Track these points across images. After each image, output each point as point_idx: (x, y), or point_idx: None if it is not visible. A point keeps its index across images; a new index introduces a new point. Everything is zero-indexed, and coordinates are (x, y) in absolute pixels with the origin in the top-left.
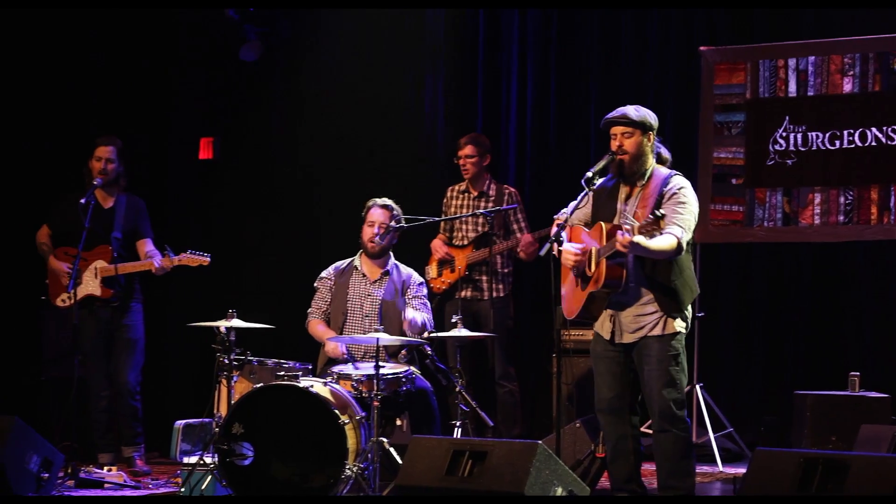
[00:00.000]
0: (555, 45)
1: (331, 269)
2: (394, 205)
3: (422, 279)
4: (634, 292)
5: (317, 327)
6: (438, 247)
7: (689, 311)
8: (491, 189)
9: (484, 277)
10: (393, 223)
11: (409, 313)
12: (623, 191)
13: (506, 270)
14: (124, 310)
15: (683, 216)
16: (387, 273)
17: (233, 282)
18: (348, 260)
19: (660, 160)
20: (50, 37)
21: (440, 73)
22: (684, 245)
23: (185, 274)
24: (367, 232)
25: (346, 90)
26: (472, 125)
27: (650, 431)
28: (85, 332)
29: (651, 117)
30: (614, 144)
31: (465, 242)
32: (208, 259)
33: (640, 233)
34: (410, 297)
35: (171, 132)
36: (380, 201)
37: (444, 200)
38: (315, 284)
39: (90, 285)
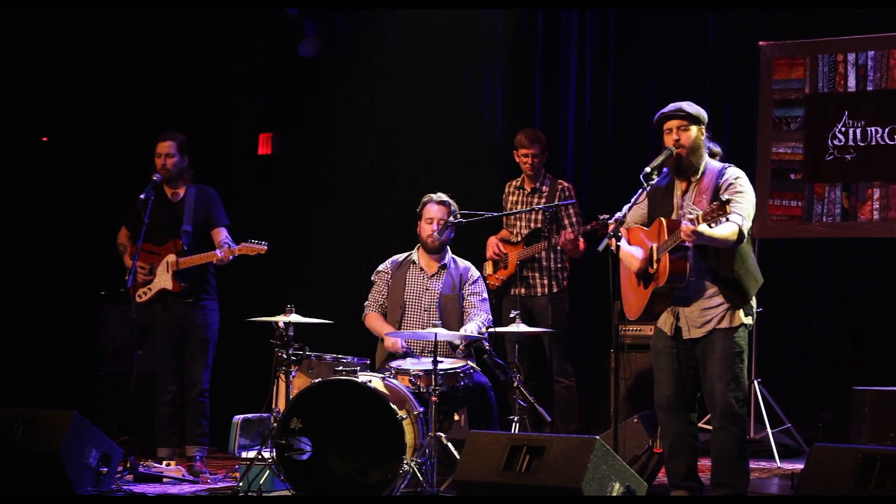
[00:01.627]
0: (613, 42)
1: (388, 262)
2: (450, 200)
3: (479, 273)
4: (698, 286)
5: (374, 321)
6: (491, 244)
7: (753, 303)
8: (545, 184)
9: (535, 274)
10: (451, 218)
11: (466, 328)
12: (679, 187)
13: (558, 266)
14: (198, 307)
15: (742, 204)
16: (444, 267)
17: (291, 277)
18: (406, 254)
19: (711, 154)
20: (115, 36)
21: (498, 68)
22: (745, 233)
23: (243, 268)
24: (426, 228)
25: (404, 85)
26: (529, 120)
27: (708, 427)
28: (157, 327)
29: (703, 112)
30: (670, 139)
31: (518, 239)
32: (266, 247)
33: (704, 220)
34: (468, 293)
35: (231, 128)
36: (436, 197)
37: (504, 196)
38: (372, 278)
39: (163, 279)
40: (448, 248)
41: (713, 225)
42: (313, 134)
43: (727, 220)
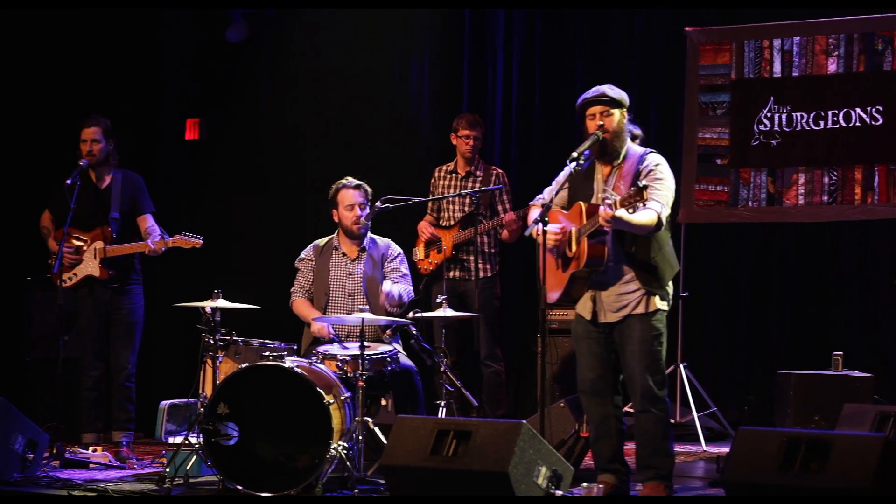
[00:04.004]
0: (540, 27)
1: (309, 248)
2: (362, 182)
3: (400, 250)
4: (615, 271)
5: (301, 307)
6: (424, 228)
7: (670, 289)
8: (479, 169)
9: (470, 258)
10: (378, 203)
11: (386, 286)
12: (600, 171)
13: (492, 251)
14: (123, 292)
15: (661, 192)
16: (364, 249)
17: (219, 262)
18: (326, 239)
19: (632, 137)
20: (39, 19)
21: (426, 52)
22: (664, 220)
23: (171, 254)
24: (348, 215)
25: (333, 71)
26: (458, 106)
27: (632, 411)
28: (83, 312)
29: (625, 95)
30: (593, 125)
31: (452, 223)
32: (201, 241)
33: (623, 206)
34: (389, 269)
35: (157, 113)
36: (349, 182)
37: (432, 181)
38: (296, 265)
39: (90, 266)
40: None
41: (631, 210)
42: (241, 119)
43: (644, 205)
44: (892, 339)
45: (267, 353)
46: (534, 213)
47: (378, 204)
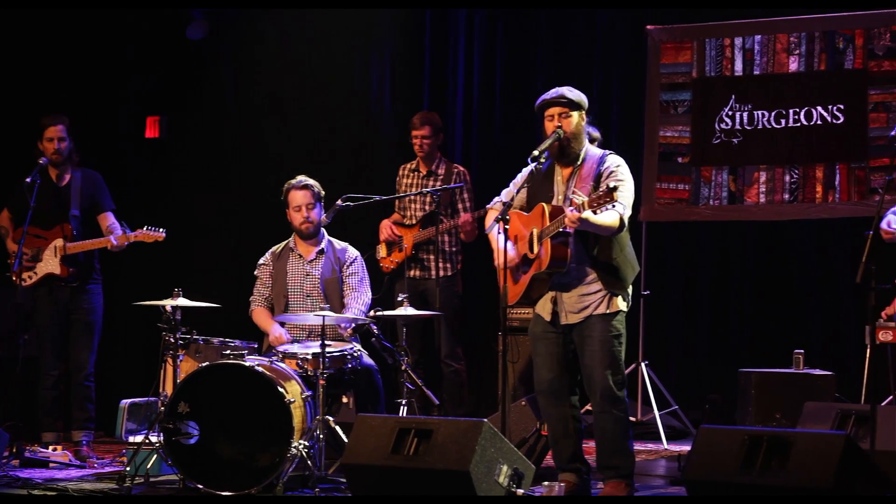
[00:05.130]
0: (502, 25)
1: (267, 254)
2: (312, 182)
3: (357, 253)
4: (577, 272)
5: (260, 316)
6: (385, 227)
7: (630, 290)
8: (440, 168)
9: (431, 256)
10: (339, 202)
11: (344, 314)
12: (559, 173)
13: (453, 249)
14: (83, 291)
15: (623, 193)
16: (322, 251)
17: (179, 261)
18: (283, 243)
19: (590, 140)
20: None
21: (387, 51)
22: (626, 221)
23: (132, 253)
24: (296, 217)
25: (294, 69)
26: (419, 104)
27: (592, 409)
28: (41, 311)
29: (584, 97)
30: (551, 126)
31: (413, 221)
32: (164, 234)
33: (590, 207)
34: (347, 274)
35: (117, 111)
36: (297, 182)
37: (397, 179)
38: (255, 273)
39: (50, 264)
40: (324, 231)
41: (598, 212)
42: (202, 117)
43: (612, 207)
44: (853, 337)
45: (227, 352)
46: (491, 216)
47: (339, 203)
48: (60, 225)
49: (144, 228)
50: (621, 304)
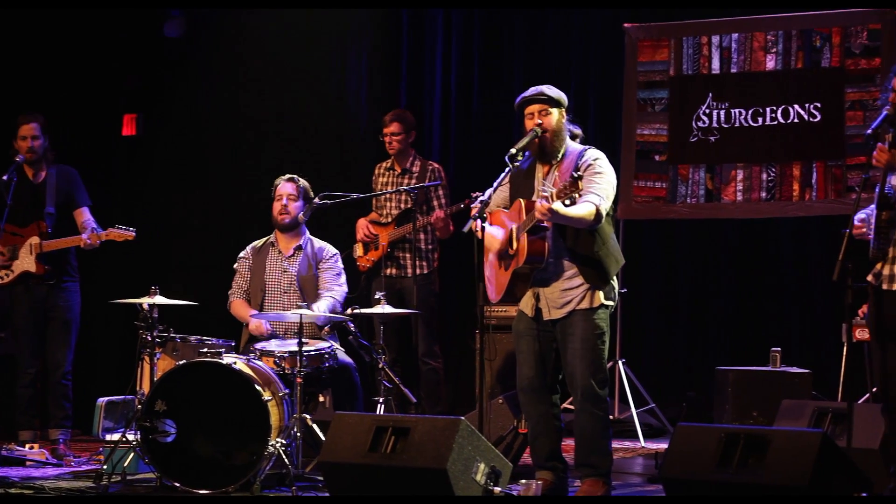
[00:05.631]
0: (479, 23)
1: (248, 248)
2: (300, 178)
3: (336, 251)
4: (557, 267)
5: (239, 308)
6: (361, 226)
7: (615, 283)
8: (415, 165)
9: (407, 255)
10: (316, 200)
11: (317, 306)
12: (540, 170)
13: (429, 247)
14: (59, 289)
15: (600, 185)
16: (300, 248)
17: (157, 259)
18: (265, 238)
19: (572, 137)
20: None
21: (364, 49)
22: (603, 213)
23: (109, 250)
24: (276, 206)
25: (271, 67)
26: (396, 102)
27: (571, 407)
28: (18, 309)
29: (564, 95)
30: (531, 123)
31: (389, 220)
32: (134, 234)
33: (559, 198)
34: (323, 269)
35: (94, 109)
36: (285, 176)
37: (373, 178)
38: (234, 266)
39: (26, 262)
40: (306, 229)
41: (568, 202)
42: (179, 115)
43: (580, 195)
44: (830, 335)
45: (205, 350)
46: (478, 205)
47: (316, 200)
48: (36, 222)
49: (115, 227)
50: (604, 298)
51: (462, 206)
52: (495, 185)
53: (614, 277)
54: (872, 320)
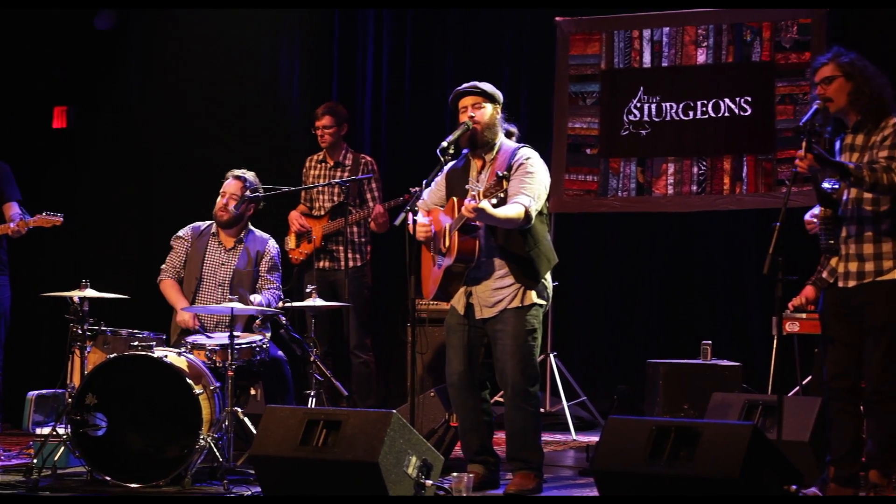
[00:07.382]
0: (411, 16)
1: (188, 228)
2: (248, 175)
3: (278, 247)
4: (488, 266)
5: (170, 290)
6: (294, 219)
7: (548, 282)
8: (347, 159)
9: (340, 248)
10: (248, 193)
11: (253, 299)
12: (474, 166)
13: (362, 240)
14: None
15: (531, 185)
16: (241, 241)
17: (87, 252)
18: (208, 223)
19: (507, 135)
20: None
21: (295, 41)
22: (533, 214)
23: (39, 243)
24: (218, 202)
25: (203, 60)
26: (327, 94)
27: (502, 400)
28: None
29: (499, 92)
30: (465, 117)
31: (322, 213)
32: (61, 219)
33: (485, 197)
34: (264, 269)
35: (23, 102)
36: (235, 172)
37: (304, 171)
38: (171, 242)
39: None
40: (249, 222)
41: (494, 201)
42: (111, 107)
43: (506, 194)
44: (760, 328)
45: (136, 343)
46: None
47: (247, 193)
48: None
49: (42, 214)
50: (536, 297)
51: (402, 199)
52: (428, 180)
53: (547, 277)
54: (828, 316)
